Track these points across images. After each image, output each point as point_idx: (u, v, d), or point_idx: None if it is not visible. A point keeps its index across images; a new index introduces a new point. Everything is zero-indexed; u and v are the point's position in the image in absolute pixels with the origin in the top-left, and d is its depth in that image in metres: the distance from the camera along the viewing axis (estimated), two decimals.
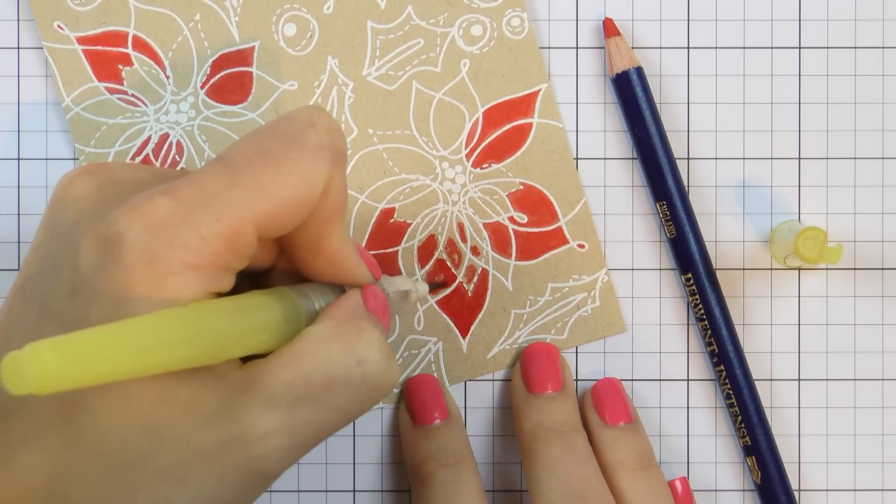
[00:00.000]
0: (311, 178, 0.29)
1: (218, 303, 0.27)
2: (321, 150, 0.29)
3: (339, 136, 0.30)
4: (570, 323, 0.43)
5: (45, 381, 0.22)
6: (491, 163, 0.42)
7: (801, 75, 0.43)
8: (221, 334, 0.26)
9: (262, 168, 0.28)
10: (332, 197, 0.30)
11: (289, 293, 0.30)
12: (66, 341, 0.23)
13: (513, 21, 0.42)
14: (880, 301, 0.43)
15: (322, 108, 0.30)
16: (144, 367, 0.24)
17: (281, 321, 0.29)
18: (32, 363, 0.22)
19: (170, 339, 0.25)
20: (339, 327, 0.29)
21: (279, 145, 0.29)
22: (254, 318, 0.28)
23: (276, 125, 0.29)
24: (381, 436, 0.43)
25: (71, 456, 0.27)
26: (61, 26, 0.42)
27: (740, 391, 0.41)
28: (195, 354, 0.26)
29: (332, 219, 0.30)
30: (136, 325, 0.25)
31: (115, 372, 0.24)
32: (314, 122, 0.29)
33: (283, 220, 0.29)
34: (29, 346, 0.22)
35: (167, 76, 0.42)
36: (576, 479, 0.38)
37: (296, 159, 0.28)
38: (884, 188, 0.43)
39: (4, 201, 0.42)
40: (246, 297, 0.28)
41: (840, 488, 0.43)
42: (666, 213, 0.42)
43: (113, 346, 0.24)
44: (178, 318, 0.25)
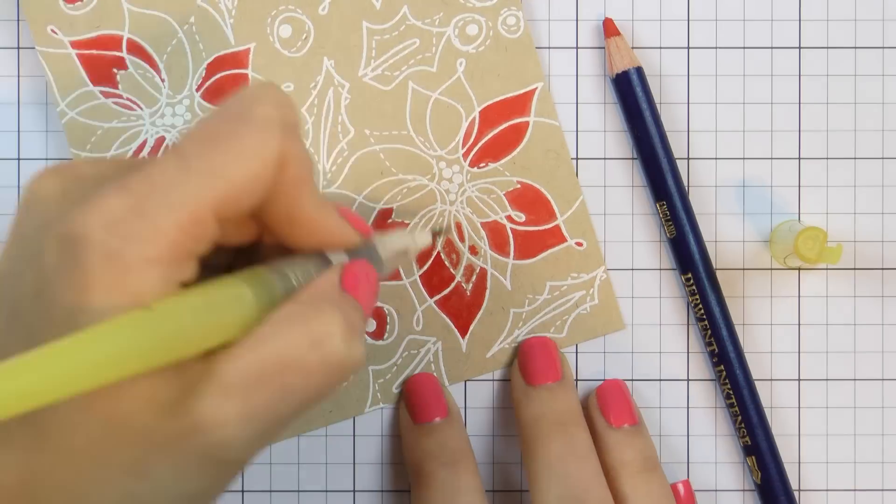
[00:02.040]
0: (260, 153, 0.28)
1: (182, 300, 0.27)
2: (268, 124, 0.29)
3: (289, 107, 0.30)
4: (568, 321, 0.42)
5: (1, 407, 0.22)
6: (488, 162, 0.42)
7: (801, 75, 0.43)
8: (188, 337, 0.26)
9: (212, 151, 0.28)
10: (292, 168, 0.29)
11: (264, 274, 0.30)
12: (14, 367, 0.23)
13: (508, 20, 0.42)
14: (880, 301, 0.43)
15: (271, 83, 0.30)
16: (102, 381, 0.24)
17: (253, 310, 0.28)
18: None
19: (128, 350, 0.25)
20: (300, 309, 0.29)
21: (226, 126, 0.28)
22: (222, 314, 0.28)
23: (224, 106, 0.29)
24: (381, 436, 0.43)
25: (40, 455, 0.27)
26: (55, 31, 0.42)
27: (740, 391, 0.41)
28: (156, 361, 0.26)
29: (297, 188, 0.30)
30: (90, 340, 0.24)
31: (70, 390, 0.24)
32: (259, 97, 0.29)
33: (241, 200, 0.29)
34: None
35: (162, 79, 0.42)
36: (575, 480, 0.38)
37: (243, 137, 0.28)
38: (884, 188, 0.42)
39: (4, 201, 0.42)
40: (215, 288, 0.28)
41: (840, 488, 0.43)
42: (666, 213, 0.41)
43: (66, 366, 0.23)
44: (137, 325, 0.25)
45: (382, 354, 0.42)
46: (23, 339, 0.27)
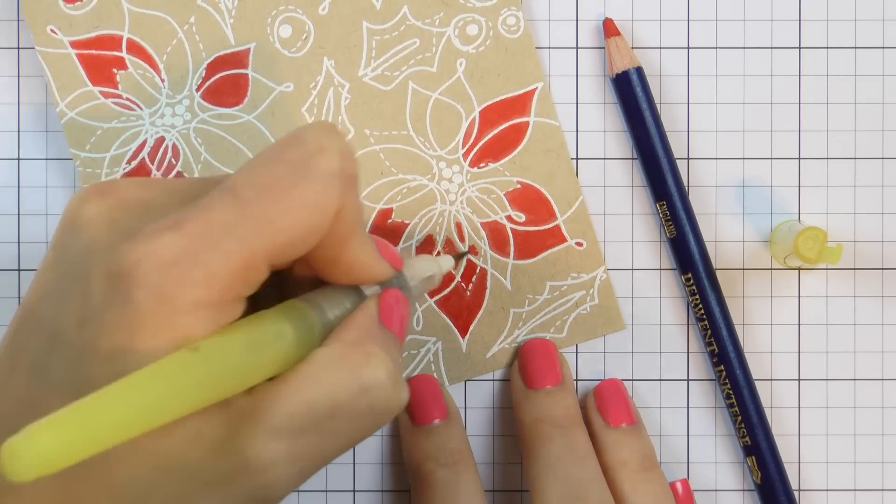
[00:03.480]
0: (321, 207, 0.28)
1: (229, 341, 0.27)
2: (331, 179, 0.28)
3: (350, 159, 0.29)
4: (568, 321, 0.42)
5: (47, 464, 0.22)
6: (488, 162, 0.42)
7: (801, 75, 0.42)
8: (234, 377, 0.26)
9: (271, 199, 0.28)
10: (346, 217, 0.29)
11: (301, 308, 0.30)
12: (64, 418, 0.22)
13: (508, 20, 0.42)
14: (880, 301, 0.43)
15: (333, 128, 0.29)
16: (153, 424, 0.24)
17: (293, 345, 0.28)
18: (32, 449, 0.22)
19: (177, 393, 0.25)
20: (346, 352, 0.29)
21: (287, 173, 0.28)
22: (267, 352, 0.28)
23: (284, 149, 0.29)
24: (381, 436, 0.43)
25: (80, 485, 0.27)
26: (54, 31, 0.42)
27: (740, 391, 0.41)
28: (203, 402, 0.26)
29: (347, 236, 0.30)
30: (140, 384, 0.24)
31: (121, 436, 0.24)
32: (324, 146, 0.29)
33: (295, 249, 0.28)
34: (25, 430, 0.22)
35: (162, 79, 0.42)
36: (575, 480, 0.38)
37: (305, 189, 0.28)
38: (884, 188, 0.42)
39: (4, 201, 0.42)
40: (257, 326, 0.28)
41: (840, 488, 0.43)
42: (666, 213, 0.41)
43: (116, 412, 0.23)
44: (185, 367, 0.25)
45: None
46: (64, 365, 0.27)
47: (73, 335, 0.27)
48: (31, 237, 0.42)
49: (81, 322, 0.27)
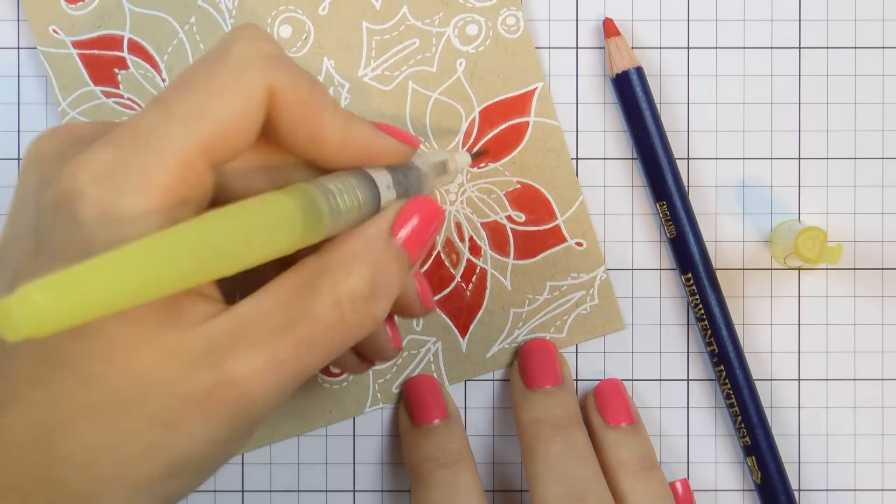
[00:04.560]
0: (243, 90, 0.28)
1: (220, 211, 0.27)
2: (248, 61, 0.29)
3: (267, 42, 0.30)
4: (569, 321, 0.42)
5: (39, 324, 0.22)
6: (488, 162, 0.42)
7: (801, 75, 0.43)
8: (228, 244, 0.26)
9: (191, 94, 0.28)
10: (290, 94, 0.29)
11: (306, 189, 0.29)
12: (58, 279, 0.22)
13: (508, 20, 0.42)
14: (880, 301, 0.43)
15: (249, 24, 0.30)
16: (146, 294, 0.24)
17: (297, 220, 0.28)
18: (23, 307, 0.21)
19: (175, 262, 0.25)
20: (332, 264, 0.29)
21: (206, 69, 0.29)
22: (264, 219, 0.27)
23: (204, 54, 0.30)
24: (381, 436, 0.43)
25: (53, 412, 0.27)
26: (56, 31, 0.42)
27: (740, 391, 0.41)
28: (202, 274, 0.25)
29: (309, 111, 0.30)
30: (136, 252, 0.24)
31: (115, 302, 0.23)
32: (238, 37, 0.29)
33: (230, 138, 0.28)
34: (19, 289, 0.22)
35: (163, 79, 0.42)
36: (575, 480, 0.38)
37: (223, 77, 0.28)
38: (884, 188, 0.43)
39: (4, 201, 0.42)
40: (252, 200, 0.28)
41: (840, 488, 0.43)
42: (666, 213, 0.41)
43: (111, 276, 0.23)
44: (178, 235, 0.25)
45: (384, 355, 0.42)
46: None
47: (30, 266, 0.27)
48: None
49: (35, 252, 0.27)
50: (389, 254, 0.31)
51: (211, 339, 0.27)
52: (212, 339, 0.27)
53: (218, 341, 0.27)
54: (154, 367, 0.27)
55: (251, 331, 0.28)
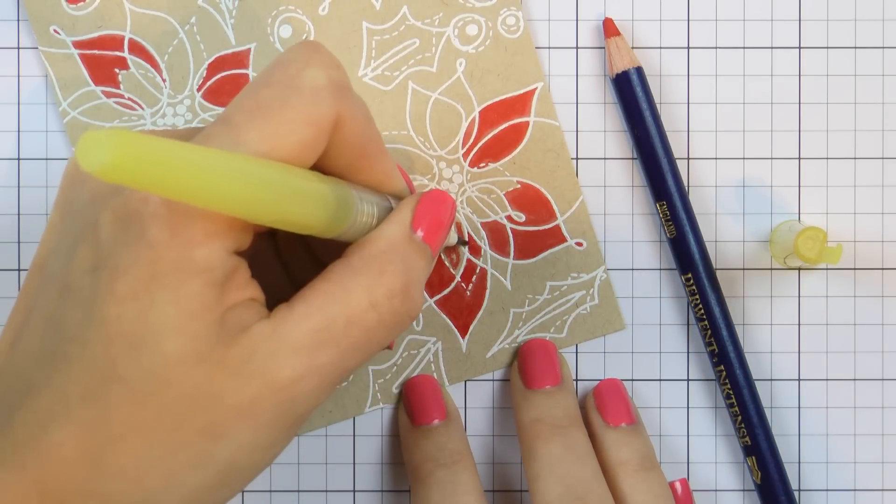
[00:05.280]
0: (313, 121, 0.28)
1: (277, 163, 0.27)
2: (319, 91, 0.29)
3: (336, 69, 0.30)
4: (568, 321, 0.42)
5: (116, 165, 0.22)
6: (488, 162, 0.42)
7: (801, 75, 0.43)
8: (277, 183, 0.26)
9: (263, 121, 0.28)
10: (349, 127, 0.29)
11: (341, 183, 0.30)
12: (146, 138, 0.22)
13: (508, 20, 0.42)
14: (880, 301, 0.43)
15: (315, 45, 0.30)
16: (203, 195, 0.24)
17: (330, 202, 0.29)
18: (108, 146, 0.21)
19: (227, 169, 0.25)
20: (360, 266, 0.30)
21: (275, 94, 0.28)
22: (306, 183, 0.28)
23: (271, 73, 0.29)
24: (381, 436, 0.43)
25: (105, 428, 0.27)
26: (57, 31, 0.42)
27: (740, 391, 0.41)
28: (251, 197, 0.25)
29: (362, 143, 0.30)
30: (207, 149, 0.24)
31: (179, 186, 0.23)
32: (308, 62, 0.29)
33: (298, 165, 0.29)
34: (110, 128, 0.22)
35: (163, 79, 0.42)
36: (575, 480, 0.38)
37: (295, 106, 0.28)
38: (884, 188, 0.43)
39: (4, 201, 0.42)
40: (301, 170, 0.28)
41: (840, 488, 0.43)
42: (666, 213, 0.41)
43: (184, 156, 0.23)
44: (241, 158, 0.26)
45: (382, 354, 0.42)
46: (79, 313, 0.27)
47: (87, 282, 0.27)
48: (31, 237, 0.42)
49: (94, 269, 0.27)
50: (414, 249, 0.31)
51: (254, 347, 0.28)
52: (255, 347, 0.28)
53: (260, 349, 0.28)
54: (205, 382, 0.27)
55: (291, 336, 0.28)
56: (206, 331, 0.27)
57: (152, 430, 0.27)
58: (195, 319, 0.27)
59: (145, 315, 0.27)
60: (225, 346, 0.27)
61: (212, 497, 0.29)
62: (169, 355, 0.27)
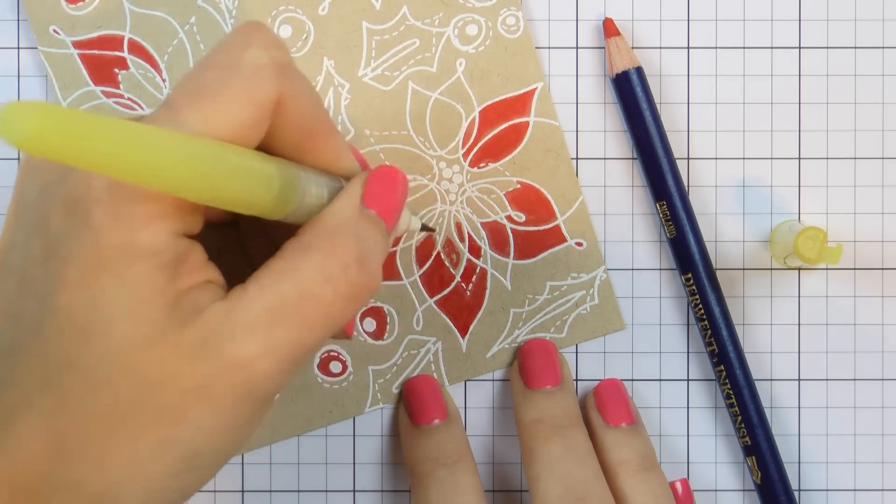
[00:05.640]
0: (254, 101, 0.28)
1: (219, 142, 0.27)
2: (260, 71, 0.28)
3: (277, 48, 0.29)
4: (568, 321, 0.42)
5: (35, 137, 0.21)
6: (488, 162, 0.42)
7: (801, 75, 0.43)
8: (213, 158, 0.26)
9: (202, 102, 0.28)
10: (292, 105, 0.29)
11: (287, 164, 0.30)
12: (69, 111, 0.22)
13: (508, 20, 0.42)
14: (880, 301, 0.43)
15: (256, 23, 0.30)
16: (138, 173, 0.24)
17: (275, 182, 0.28)
18: (28, 119, 0.21)
19: (160, 143, 0.24)
20: (313, 242, 0.29)
21: (217, 76, 0.28)
22: (246, 161, 0.27)
23: (213, 54, 0.29)
24: (381, 436, 0.43)
25: (65, 417, 0.27)
26: (57, 31, 0.42)
27: (740, 391, 0.41)
28: (184, 172, 0.25)
29: (308, 122, 0.30)
30: (139, 131, 0.24)
31: (106, 159, 0.23)
32: (249, 42, 0.29)
33: (240, 145, 0.28)
34: (32, 100, 0.22)
35: (163, 79, 0.42)
36: (576, 480, 0.38)
37: (235, 87, 0.28)
38: (884, 188, 0.43)
39: (4, 201, 0.42)
40: (244, 149, 0.28)
41: (840, 488, 0.43)
42: (666, 213, 0.41)
43: (109, 128, 0.23)
44: (174, 134, 0.25)
45: (382, 354, 0.42)
46: (34, 304, 0.27)
47: (40, 273, 0.27)
48: None
49: (45, 258, 0.27)
50: (367, 222, 0.31)
51: (209, 328, 0.27)
52: (210, 328, 0.27)
53: (215, 330, 0.27)
54: (159, 366, 0.27)
55: (245, 315, 0.28)
56: (158, 314, 0.27)
57: (111, 416, 0.27)
58: (145, 303, 0.27)
59: (95, 302, 0.26)
60: (179, 328, 0.27)
61: (178, 482, 0.28)
62: (121, 340, 0.27)
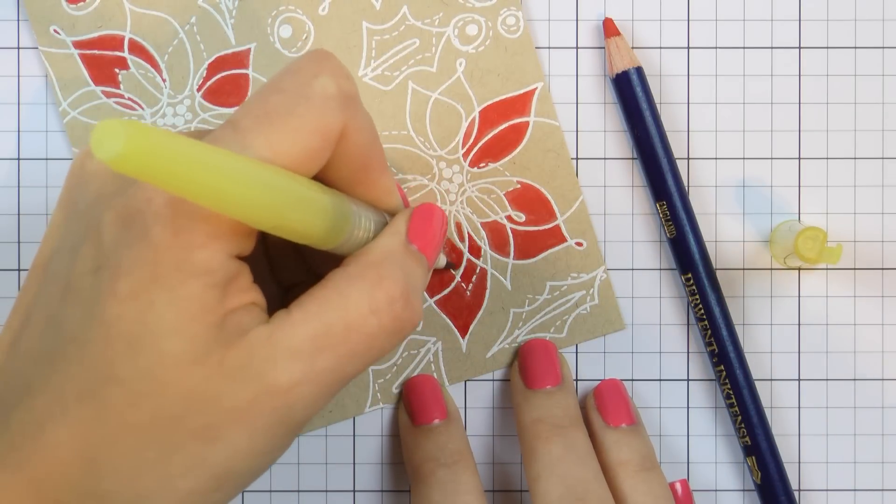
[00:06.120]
0: (321, 130, 0.28)
1: (281, 170, 0.27)
2: (328, 101, 0.29)
3: (346, 79, 0.29)
4: (568, 321, 0.42)
5: (126, 157, 0.21)
6: (488, 162, 0.42)
7: (801, 75, 0.43)
8: (281, 189, 0.26)
9: (270, 127, 0.28)
10: (354, 136, 0.29)
11: (340, 195, 0.30)
12: (154, 131, 0.22)
13: (508, 20, 0.42)
14: (880, 301, 0.43)
15: (326, 53, 0.30)
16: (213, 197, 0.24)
17: (329, 213, 0.29)
18: (121, 138, 0.21)
19: (235, 170, 0.25)
20: (360, 273, 0.30)
21: (284, 101, 0.28)
22: (307, 191, 0.28)
23: (281, 79, 0.29)
24: (381, 436, 0.43)
25: (101, 428, 0.27)
26: (57, 31, 0.42)
27: (740, 391, 0.41)
28: (255, 200, 0.25)
29: (365, 156, 0.30)
30: (217, 149, 0.24)
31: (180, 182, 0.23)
32: (319, 70, 0.29)
33: (303, 173, 0.29)
34: (125, 119, 0.22)
35: (163, 79, 0.42)
36: (576, 480, 0.38)
37: (303, 115, 0.28)
38: (884, 188, 0.43)
39: (4, 201, 0.42)
40: (300, 178, 0.28)
41: (840, 488, 0.43)
42: (666, 213, 0.41)
43: (195, 153, 0.23)
44: (248, 161, 0.26)
45: None
46: (79, 313, 0.27)
47: (88, 282, 0.27)
48: (31, 237, 0.42)
49: (96, 269, 0.27)
50: (411, 258, 0.31)
51: (252, 351, 0.28)
52: (253, 351, 0.28)
53: (258, 354, 0.28)
54: (202, 384, 0.27)
55: (289, 341, 0.28)
56: (205, 333, 0.27)
57: (147, 431, 0.27)
58: (194, 321, 0.27)
59: (145, 316, 0.27)
60: (223, 349, 0.27)
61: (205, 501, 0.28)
62: (166, 356, 0.27)
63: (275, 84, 0.29)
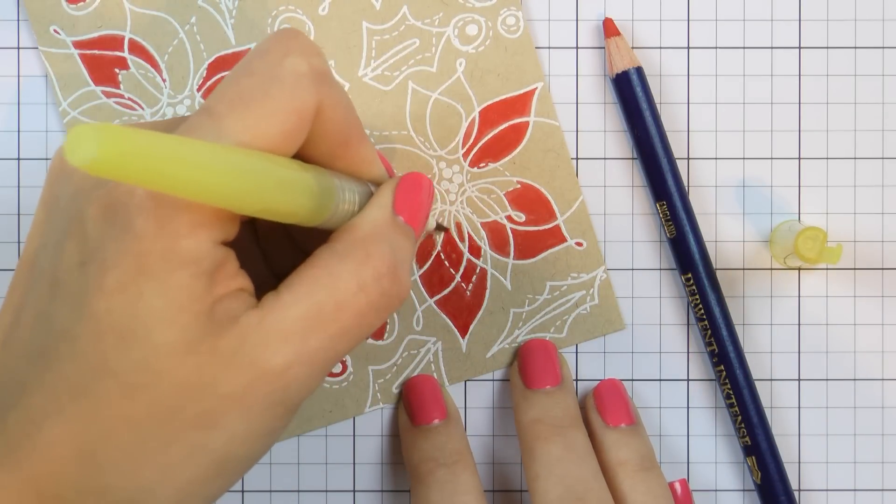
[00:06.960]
0: (296, 110, 0.28)
1: (262, 153, 0.27)
2: (300, 80, 0.29)
3: (316, 56, 0.29)
4: (568, 321, 0.42)
5: (101, 160, 0.21)
6: (488, 162, 0.42)
7: (801, 75, 0.43)
8: (262, 173, 0.26)
9: (245, 111, 0.28)
10: (331, 114, 0.29)
11: (324, 171, 0.30)
12: (126, 132, 0.22)
13: (508, 20, 0.42)
14: (880, 301, 0.43)
15: (293, 31, 0.30)
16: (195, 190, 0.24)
17: (314, 190, 0.29)
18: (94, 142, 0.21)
19: (214, 161, 0.25)
20: (347, 250, 0.30)
21: (257, 84, 0.28)
22: (289, 172, 0.28)
23: (251, 61, 0.29)
24: (380, 436, 0.43)
25: (98, 422, 0.27)
26: (57, 31, 0.42)
27: (740, 391, 0.41)
28: (236, 187, 0.25)
29: (344, 130, 0.30)
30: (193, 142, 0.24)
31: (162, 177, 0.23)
32: (288, 50, 0.29)
33: (281, 154, 0.29)
34: (100, 125, 0.22)
35: (164, 79, 0.42)
36: (575, 480, 0.38)
37: (277, 96, 0.28)
38: (884, 188, 0.43)
39: (4, 201, 0.42)
40: (283, 159, 0.28)
41: (840, 488, 0.43)
42: (666, 213, 0.41)
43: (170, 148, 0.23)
44: (225, 149, 0.26)
45: (382, 354, 0.42)
46: (67, 308, 0.27)
47: (75, 277, 0.27)
48: None
49: (82, 263, 0.27)
50: (398, 231, 0.31)
51: (243, 337, 0.28)
52: (244, 337, 0.28)
53: (250, 338, 0.28)
54: (196, 373, 0.27)
55: (280, 324, 0.28)
56: (196, 321, 0.27)
57: (144, 422, 0.27)
58: (184, 310, 0.27)
59: (134, 308, 0.27)
60: (215, 336, 0.27)
61: (207, 489, 0.29)
62: (159, 347, 0.27)
63: (245, 67, 0.29)
